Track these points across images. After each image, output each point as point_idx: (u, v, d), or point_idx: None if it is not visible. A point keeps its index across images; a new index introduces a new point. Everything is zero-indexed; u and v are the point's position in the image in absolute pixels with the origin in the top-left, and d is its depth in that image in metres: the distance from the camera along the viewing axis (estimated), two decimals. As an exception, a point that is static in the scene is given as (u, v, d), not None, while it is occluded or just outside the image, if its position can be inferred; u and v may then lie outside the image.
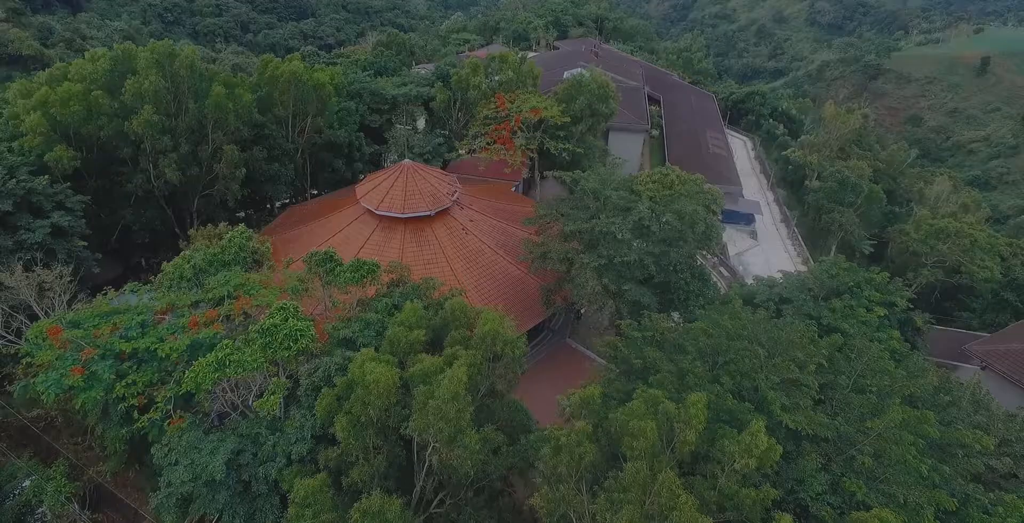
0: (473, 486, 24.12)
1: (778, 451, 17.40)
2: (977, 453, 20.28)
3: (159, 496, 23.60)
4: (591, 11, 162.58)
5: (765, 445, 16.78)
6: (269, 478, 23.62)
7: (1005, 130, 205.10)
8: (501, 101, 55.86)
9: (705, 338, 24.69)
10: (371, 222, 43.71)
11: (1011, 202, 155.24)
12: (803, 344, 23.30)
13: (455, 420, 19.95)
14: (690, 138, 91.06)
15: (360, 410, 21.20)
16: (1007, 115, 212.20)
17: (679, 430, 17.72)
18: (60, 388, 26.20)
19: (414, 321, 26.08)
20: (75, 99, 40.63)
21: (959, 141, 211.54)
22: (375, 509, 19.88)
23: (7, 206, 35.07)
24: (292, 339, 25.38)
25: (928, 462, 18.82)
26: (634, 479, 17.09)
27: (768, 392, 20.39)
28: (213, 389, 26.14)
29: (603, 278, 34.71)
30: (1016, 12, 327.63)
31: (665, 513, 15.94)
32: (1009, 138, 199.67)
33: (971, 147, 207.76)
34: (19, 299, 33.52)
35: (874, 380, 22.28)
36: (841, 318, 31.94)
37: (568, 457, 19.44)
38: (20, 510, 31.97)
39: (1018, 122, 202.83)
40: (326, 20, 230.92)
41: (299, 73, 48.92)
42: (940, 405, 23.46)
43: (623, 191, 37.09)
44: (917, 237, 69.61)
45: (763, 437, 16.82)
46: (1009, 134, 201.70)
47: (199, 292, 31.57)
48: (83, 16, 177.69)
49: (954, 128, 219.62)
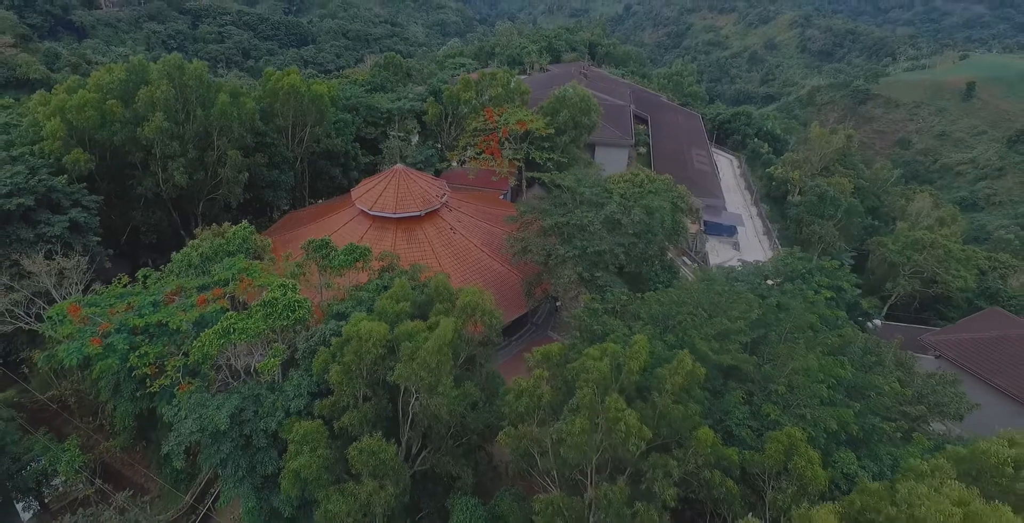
0: (453, 439, 26.92)
1: (701, 372, 20.47)
2: (887, 394, 23.19)
3: (168, 444, 26.34)
4: (584, 37, 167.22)
5: (689, 366, 19.77)
6: (269, 431, 26.38)
7: (991, 152, 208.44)
8: (490, 114, 59.26)
9: (657, 306, 27.74)
10: (365, 222, 46.82)
11: (998, 222, 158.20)
12: (738, 306, 26.33)
13: (436, 370, 22.82)
14: (676, 155, 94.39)
15: (352, 360, 24.07)
16: (993, 138, 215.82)
17: (624, 363, 20.66)
18: (81, 355, 29.04)
19: (401, 295, 29.03)
20: (90, 106, 43.90)
21: (947, 163, 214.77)
22: (372, 449, 22.70)
23: (30, 201, 38.20)
24: (290, 309, 28.35)
25: (832, 389, 21.78)
26: (584, 401, 19.99)
27: (698, 340, 23.40)
28: (217, 359, 29.00)
29: (577, 267, 37.72)
30: (1001, 39, 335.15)
31: (611, 425, 18.81)
32: (995, 160, 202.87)
33: (959, 169, 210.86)
34: (40, 286, 36.59)
35: (801, 335, 25.27)
36: (789, 298, 34.93)
37: (527, 399, 22.35)
38: (37, 480, 34.63)
39: (1003, 145, 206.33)
40: (326, 47, 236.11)
41: (298, 85, 52.43)
42: (867, 364, 26.38)
43: (596, 188, 40.26)
44: (894, 248, 73.01)
45: (688, 361, 19.84)
46: (995, 156, 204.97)
47: (206, 278, 34.53)
48: (88, 42, 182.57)
49: (942, 151, 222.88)
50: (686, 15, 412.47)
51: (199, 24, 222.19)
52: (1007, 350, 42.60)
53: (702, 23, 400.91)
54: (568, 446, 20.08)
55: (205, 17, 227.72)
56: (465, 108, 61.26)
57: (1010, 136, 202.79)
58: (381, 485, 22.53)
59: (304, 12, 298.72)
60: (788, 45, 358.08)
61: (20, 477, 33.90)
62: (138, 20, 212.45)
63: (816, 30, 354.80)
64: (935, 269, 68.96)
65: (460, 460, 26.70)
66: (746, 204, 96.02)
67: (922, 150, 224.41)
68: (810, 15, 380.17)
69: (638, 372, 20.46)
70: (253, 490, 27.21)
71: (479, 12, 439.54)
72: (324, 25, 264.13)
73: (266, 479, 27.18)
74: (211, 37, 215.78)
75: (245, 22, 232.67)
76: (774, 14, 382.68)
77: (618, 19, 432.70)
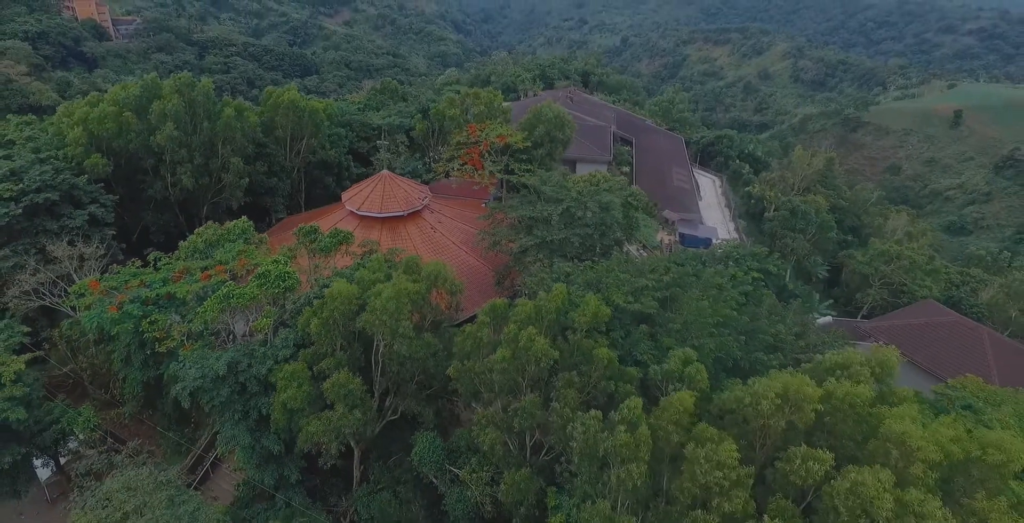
0: (418, 386, 31.53)
1: (606, 312, 25.27)
2: (772, 336, 27.91)
3: (175, 389, 31.01)
4: (577, 67, 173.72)
5: (595, 308, 24.57)
6: (260, 377, 31.03)
7: (979, 178, 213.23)
8: (472, 129, 64.52)
9: (591, 273, 32.65)
10: (353, 221, 51.82)
11: (986, 245, 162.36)
12: (656, 272, 31.25)
13: (395, 314, 27.63)
14: (657, 173, 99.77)
15: (329, 314, 28.88)
16: (980, 164, 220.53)
17: (543, 306, 25.47)
18: (101, 320, 33.89)
19: (376, 267, 33.94)
20: (109, 117, 49.33)
21: (936, 189, 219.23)
22: (342, 382, 27.40)
23: (55, 196, 43.44)
24: (281, 279, 33.23)
25: (721, 327, 26.57)
26: (509, 335, 24.80)
27: (615, 294, 28.24)
28: (217, 325, 33.77)
29: (539, 253, 42.58)
30: (990, 70, 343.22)
31: (526, 348, 23.55)
32: (983, 185, 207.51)
33: (947, 194, 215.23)
34: (62, 270, 41.59)
35: (707, 293, 30.07)
36: (718, 276, 39.65)
37: (471, 340, 27.16)
38: (56, 439, 39.12)
39: (990, 170, 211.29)
40: (329, 76, 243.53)
41: (297, 100, 57.96)
42: (772, 322, 31.15)
43: (556, 187, 45.32)
44: (863, 261, 78.02)
45: (594, 303, 24.67)
46: (983, 182, 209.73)
47: (210, 260, 39.48)
48: (99, 72, 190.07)
49: (931, 177, 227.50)
50: (682, 47, 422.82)
51: (206, 55, 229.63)
52: (930, 334, 47.28)
53: (698, 54, 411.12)
54: (498, 371, 24.84)
55: (212, 48, 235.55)
56: (451, 124, 66.60)
57: (996, 162, 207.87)
58: (350, 411, 27.18)
59: (308, 44, 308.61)
60: (781, 75, 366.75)
61: (40, 437, 38.37)
62: (147, 51, 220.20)
63: (808, 61, 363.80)
64: (902, 279, 73.69)
65: (423, 403, 31.30)
66: (725, 220, 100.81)
67: (912, 176, 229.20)
68: (803, 46, 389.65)
69: (554, 312, 25.27)
70: (247, 431, 31.74)
71: (480, 44, 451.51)
72: (327, 56, 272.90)
73: (258, 421, 31.73)
74: (217, 67, 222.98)
75: (250, 53, 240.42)
76: (768, 45, 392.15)
77: (615, 51, 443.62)
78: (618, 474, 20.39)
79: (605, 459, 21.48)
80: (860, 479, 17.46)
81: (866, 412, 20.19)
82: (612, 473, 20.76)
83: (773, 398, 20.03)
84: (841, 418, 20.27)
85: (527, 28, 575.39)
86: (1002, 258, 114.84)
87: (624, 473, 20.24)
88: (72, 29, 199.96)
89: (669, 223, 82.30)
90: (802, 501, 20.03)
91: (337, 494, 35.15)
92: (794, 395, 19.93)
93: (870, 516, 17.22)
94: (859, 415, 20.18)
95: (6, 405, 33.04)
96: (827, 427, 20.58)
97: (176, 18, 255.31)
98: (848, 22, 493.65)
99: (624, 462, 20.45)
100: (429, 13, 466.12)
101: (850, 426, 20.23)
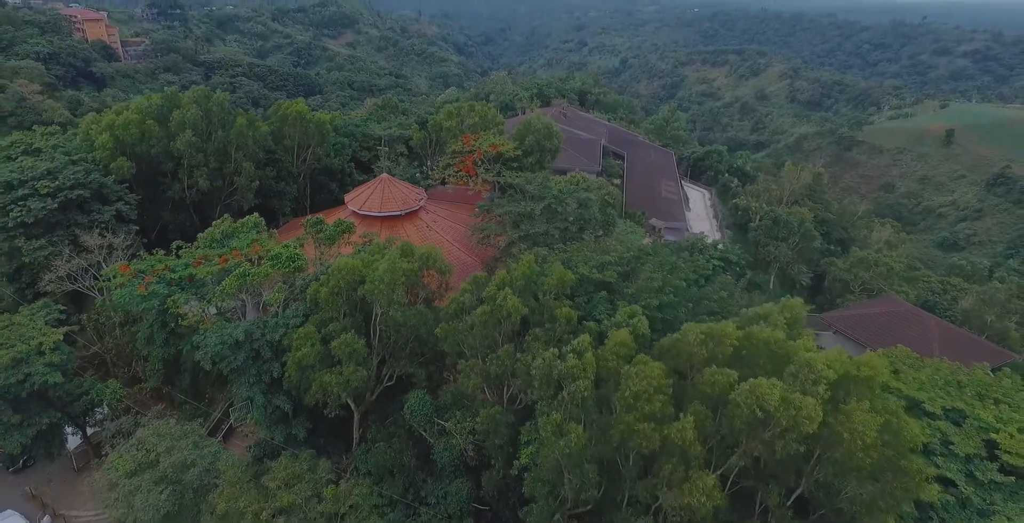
0: (411, 352, 35.82)
1: (570, 277, 29.80)
2: (717, 301, 32.39)
3: (198, 355, 35.36)
4: (575, 86, 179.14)
5: (560, 274, 29.08)
6: (273, 343, 35.32)
7: (971, 195, 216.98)
8: (467, 139, 69.31)
9: (564, 254, 37.30)
10: (355, 220, 56.25)
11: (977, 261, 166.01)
12: (617, 249, 35.82)
13: (389, 283, 32.06)
14: (647, 186, 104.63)
15: (336, 283, 33.33)
16: (972, 181, 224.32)
17: (512, 273, 29.98)
18: (132, 297, 38.40)
19: (375, 250, 38.43)
20: (133, 124, 54.20)
21: (929, 206, 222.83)
22: (348, 342, 31.79)
23: (87, 193, 48.23)
24: (292, 260, 37.76)
25: (670, 294, 31.10)
26: (488, 295, 29.22)
27: (582, 266, 32.80)
28: (234, 301, 38.21)
29: (523, 245, 47.05)
30: (983, 91, 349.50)
31: (501, 305, 27.99)
32: (975, 203, 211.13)
33: (940, 211, 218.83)
34: (93, 259, 46.21)
35: (663, 269, 34.63)
36: (674, 256, 44.08)
37: (455, 304, 31.64)
38: (85, 409, 43.42)
39: (982, 188, 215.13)
40: (332, 96, 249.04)
41: (303, 112, 62.94)
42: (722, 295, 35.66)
43: (539, 186, 49.95)
44: (843, 267, 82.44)
45: (559, 270, 29.19)
46: (974, 199, 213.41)
47: (226, 249, 44.00)
48: (107, 91, 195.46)
49: (924, 194, 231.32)
50: (680, 68, 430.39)
51: (212, 75, 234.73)
52: (884, 321, 51.49)
53: (695, 75, 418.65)
54: (478, 326, 29.26)
55: (218, 69, 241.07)
56: (447, 135, 71.41)
57: (988, 179, 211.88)
58: (355, 368, 31.57)
59: (312, 65, 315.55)
60: (778, 95, 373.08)
61: (71, 407, 42.65)
62: (154, 71, 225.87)
63: (805, 81, 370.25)
64: (880, 285, 77.92)
65: (416, 366, 35.63)
66: (713, 231, 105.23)
67: (905, 193, 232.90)
68: (799, 67, 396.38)
69: (523, 277, 29.84)
70: (261, 392, 36.02)
71: (481, 65, 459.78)
72: (331, 76, 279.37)
73: (271, 384, 35.98)
74: (223, 87, 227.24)
75: (255, 73, 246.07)
76: (764, 66, 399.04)
77: (615, 72, 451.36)
78: (569, 391, 24.84)
79: (560, 383, 25.90)
80: (757, 383, 21.92)
81: (779, 348, 24.54)
82: (564, 392, 25.26)
83: (698, 334, 24.49)
84: (756, 352, 24.71)
85: (527, 50, 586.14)
86: (981, 268, 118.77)
87: (573, 388, 24.73)
88: (82, 50, 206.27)
89: (656, 230, 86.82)
90: (716, 412, 24.51)
91: (339, 453, 39.38)
92: (717, 333, 24.39)
93: (763, 409, 21.55)
94: (771, 351, 24.55)
95: (46, 369, 37.49)
96: (744, 360, 24.99)
97: (183, 39, 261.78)
98: (844, 44, 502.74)
99: (573, 380, 24.95)
100: (431, 35, 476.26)
101: (764, 358, 24.63)
